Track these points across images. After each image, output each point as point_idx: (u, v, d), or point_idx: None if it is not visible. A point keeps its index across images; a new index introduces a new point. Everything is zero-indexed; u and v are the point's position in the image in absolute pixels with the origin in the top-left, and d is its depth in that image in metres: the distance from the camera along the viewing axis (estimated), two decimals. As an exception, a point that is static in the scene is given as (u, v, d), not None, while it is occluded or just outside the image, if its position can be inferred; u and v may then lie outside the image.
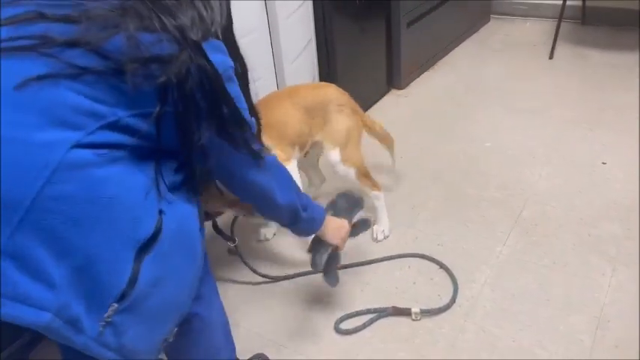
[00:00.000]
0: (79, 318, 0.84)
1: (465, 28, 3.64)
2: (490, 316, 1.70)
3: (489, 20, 3.88)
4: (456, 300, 1.76)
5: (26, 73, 0.81)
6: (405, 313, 1.72)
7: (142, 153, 0.93)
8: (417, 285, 1.84)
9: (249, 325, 1.77)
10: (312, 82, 2.23)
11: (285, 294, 1.87)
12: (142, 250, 0.89)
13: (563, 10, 3.24)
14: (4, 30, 0.84)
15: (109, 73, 0.85)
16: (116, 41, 0.85)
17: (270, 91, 2.25)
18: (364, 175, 1.97)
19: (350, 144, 1.92)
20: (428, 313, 1.72)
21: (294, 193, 1.31)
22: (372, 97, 2.98)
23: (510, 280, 1.82)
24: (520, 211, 2.11)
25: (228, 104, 0.98)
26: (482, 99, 2.94)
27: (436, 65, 3.36)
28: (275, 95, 1.98)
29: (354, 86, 2.76)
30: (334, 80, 2.60)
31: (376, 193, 2.03)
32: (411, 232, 2.08)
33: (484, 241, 1.99)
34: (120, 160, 0.89)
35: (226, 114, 0.98)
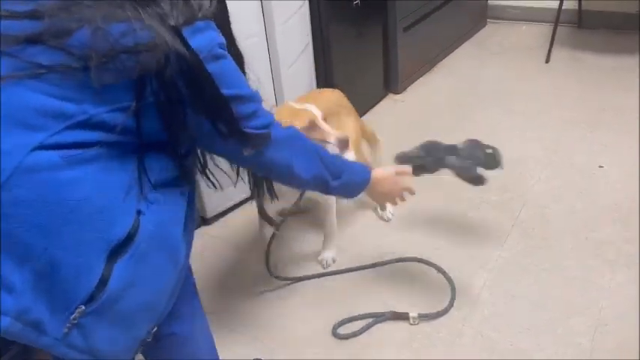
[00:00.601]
0: (42, 320, 0.83)
1: (462, 32, 3.64)
2: (488, 320, 1.69)
3: (486, 24, 3.88)
4: (454, 304, 1.75)
5: None
6: (403, 317, 1.71)
7: (123, 150, 0.90)
8: (414, 289, 1.84)
9: (246, 330, 1.76)
10: (315, 89, 2.22)
11: (283, 299, 1.87)
12: (115, 252, 0.87)
13: (559, 14, 3.25)
14: None
15: (76, 69, 0.82)
16: (81, 35, 0.81)
17: (268, 97, 2.26)
18: None
19: (359, 146, 2.02)
20: (426, 317, 1.71)
21: (318, 163, 1.24)
22: (369, 102, 2.98)
23: (509, 284, 1.81)
24: (518, 214, 2.11)
25: (211, 88, 0.93)
26: (480, 103, 2.94)
27: (433, 69, 3.36)
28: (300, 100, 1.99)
29: (351, 91, 2.76)
30: (331, 85, 2.60)
31: None
32: (409, 235, 2.07)
33: (482, 245, 1.98)
34: (94, 160, 0.86)
35: (210, 98, 0.94)
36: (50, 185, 0.82)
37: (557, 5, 3.24)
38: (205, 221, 2.24)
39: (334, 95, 2.04)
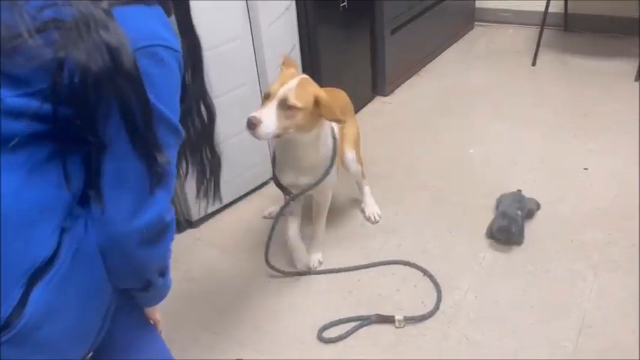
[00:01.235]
0: None
1: (449, 35, 3.66)
2: (473, 323, 1.70)
3: (473, 27, 3.90)
4: (440, 307, 1.75)
5: None
6: (389, 320, 1.71)
7: (43, 156, 0.80)
8: (400, 292, 1.84)
9: (231, 334, 1.75)
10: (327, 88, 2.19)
11: (268, 302, 1.86)
12: (34, 277, 0.78)
13: (545, 17, 3.27)
14: None
15: None
16: None
17: (254, 99, 2.25)
18: (363, 172, 2.16)
19: (359, 145, 2.09)
20: (412, 320, 1.71)
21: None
22: (356, 104, 2.96)
23: (494, 287, 1.82)
24: (504, 217, 2.11)
25: (135, 88, 0.81)
26: (467, 105, 2.95)
27: (421, 72, 3.37)
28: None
29: (338, 93, 2.76)
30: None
31: (367, 186, 2.22)
32: (395, 238, 2.07)
33: (468, 248, 1.99)
34: (12, 168, 0.77)
35: (132, 99, 0.81)
36: None
37: (543, 8, 3.26)
38: (191, 224, 2.23)
39: (341, 94, 2.09)
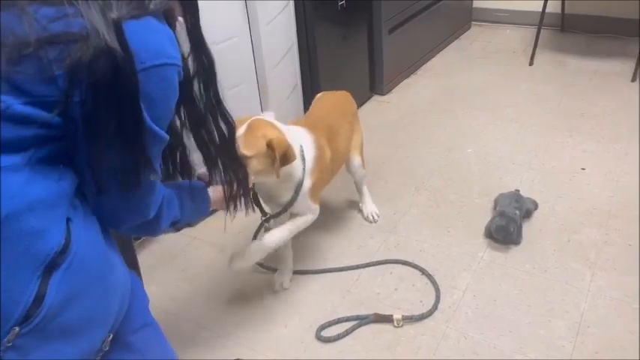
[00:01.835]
0: None
1: (447, 34, 3.66)
2: (471, 322, 1.70)
3: (470, 27, 3.91)
4: (438, 306, 1.76)
5: None
6: (387, 319, 1.71)
7: (43, 155, 0.82)
8: (398, 291, 1.84)
9: (227, 333, 1.75)
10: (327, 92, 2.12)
11: (266, 301, 1.86)
12: (50, 267, 0.80)
13: (542, 18, 3.28)
14: None
15: None
16: (2, 19, 0.73)
17: (252, 97, 2.25)
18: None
19: (363, 150, 2.08)
20: (410, 319, 1.71)
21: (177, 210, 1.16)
22: (354, 103, 2.98)
23: (491, 286, 1.82)
24: (501, 217, 2.12)
25: (132, 106, 0.82)
26: (464, 105, 2.96)
27: (418, 71, 3.37)
28: (330, 110, 1.96)
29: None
30: (317, 86, 2.60)
31: (366, 186, 2.19)
32: (393, 238, 2.07)
33: (466, 247, 1.99)
34: (17, 168, 0.78)
35: (129, 118, 0.83)
36: None
37: (540, 8, 3.27)
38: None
39: (347, 99, 2.06)
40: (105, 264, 0.92)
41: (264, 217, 1.68)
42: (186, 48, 0.99)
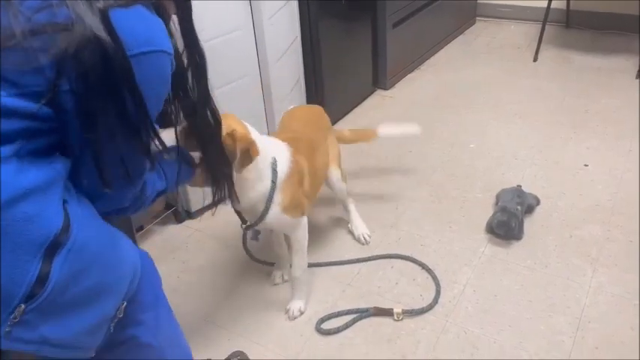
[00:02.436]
0: None
1: (451, 29, 3.65)
2: (472, 317, 1.70)
3: (475, 22, 3.90)
4: (438, 300, 1.76)
5: None
6: (387, 313, 1.71)
7: (33, 147, 0.82)
8: (399, 285, 1.84)
9: (228, 325, 1.75)
10: (299, 106, 2.10)
11: (266, 294, 1.86)
12: (52, 248, 0.81)
13: (547, 13, 3.27)
14: None
15: None
16: None
17: (255, 90, 2.24)
18: (347, 191, 2.03)
19: (340, 162, 1.97)
20: (410, 313, 1.71)
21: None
22: (357, 97, 2.97)
23: (492, 281, 1.82)
24: (503, 212, 2.11)
25: (132, 92, 0.83)
26: (467, 100, 2.95)
27: (422, 66, 3.36)
28: (305, 125, 1.88)
29: (339, 86, 2.77)
30: (320, 80, 2.59)
31: (352, 204, 2.07)
32: (395, 232, 2.07)
33: (467, 242, 1.99)
34: (6, 160, 0.78)
35: (129, 103, 0.83)
36: None
37: (545, 4, 3.25)
38: (190, 215, 2.23)
39: (322, 112, 1.99)
40: (108, 237, 0.93)
41: (244, 225, 1.65)
42: (181, 45, 0.99)
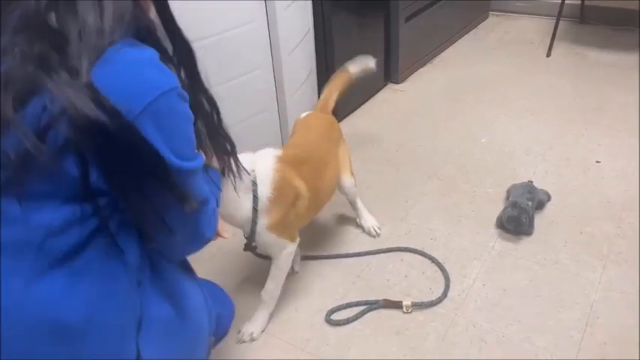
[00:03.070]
0: None
1: (464, 24, 3.64)
2: (481, 311, 1.71)
3: (488, 17, 3.88)
4: (448, 294, 1.77)
5: None
6: (397, 305, 1.72)
7: (108, 239, 0.85)
8: (408, 278, 1.85)
9: (239, 316, 1.76)
10: (314, 111, 1.99)
11: (278, 284, 1.87)
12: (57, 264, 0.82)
13: (561, 9, 3.25)
14: None
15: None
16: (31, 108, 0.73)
17: (268, 83, 2.25)
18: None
19: (352, 168, 1.96)
20: (419, 306, 1.72)
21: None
22: (369, 91, 2.98)
23: (502, 276, 1.83)
24: (513, 208, 2.12)
25: (147, 154, 0.81)
26: (479, 95, 2.94)
27: (434, 61, 3.36)
28: (319, 136, 1.84)
29: (351, 79, 2.75)
30: (332, 72, 2.59)
31: (359, 199, 2.06)
32: (405, 225, 2.08)
33: (477, 237, 2.00)
34: (85, 268, 0.82)
35: (144, 160, 0.82)
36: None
37: (559, 0, 3.23)
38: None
39: (333, 119, 1.96)
40: (178, 311, 1.00)
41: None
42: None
